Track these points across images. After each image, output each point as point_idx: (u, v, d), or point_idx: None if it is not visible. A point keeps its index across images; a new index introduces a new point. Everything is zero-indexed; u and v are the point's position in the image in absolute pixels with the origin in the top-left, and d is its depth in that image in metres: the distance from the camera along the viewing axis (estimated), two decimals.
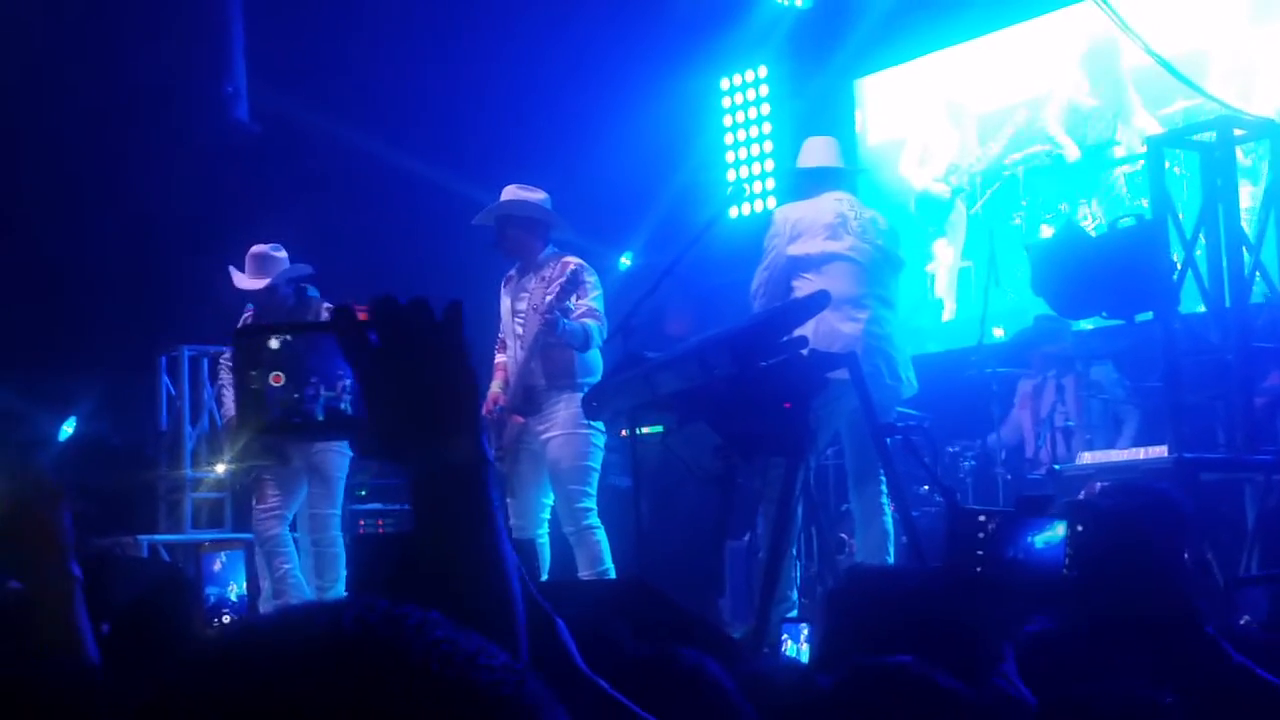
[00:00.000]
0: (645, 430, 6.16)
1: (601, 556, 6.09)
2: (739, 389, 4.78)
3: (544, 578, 5.95)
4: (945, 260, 9.34)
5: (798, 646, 4.26)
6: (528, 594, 1.77)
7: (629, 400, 5.36)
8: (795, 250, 5.88)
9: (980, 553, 1.75)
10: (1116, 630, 1.60)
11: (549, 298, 6.01)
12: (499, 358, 6.47)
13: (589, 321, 6.12)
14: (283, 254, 6.74)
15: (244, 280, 6.64)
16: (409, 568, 1.30)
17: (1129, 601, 1.58)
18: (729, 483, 5.14)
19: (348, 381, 1.31)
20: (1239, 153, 6.26)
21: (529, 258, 6.34)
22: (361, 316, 1.28)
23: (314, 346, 1.32)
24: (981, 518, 1.77)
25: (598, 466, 6.19)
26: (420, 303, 1.26)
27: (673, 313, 8.96)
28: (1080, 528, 1.65)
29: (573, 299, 6.11)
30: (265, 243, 6.77)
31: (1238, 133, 6.13)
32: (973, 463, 7.91)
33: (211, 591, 3.85)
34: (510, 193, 6.35)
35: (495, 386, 6.40)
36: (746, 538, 6.60)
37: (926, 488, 7.37)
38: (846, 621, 2.57)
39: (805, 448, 5.00)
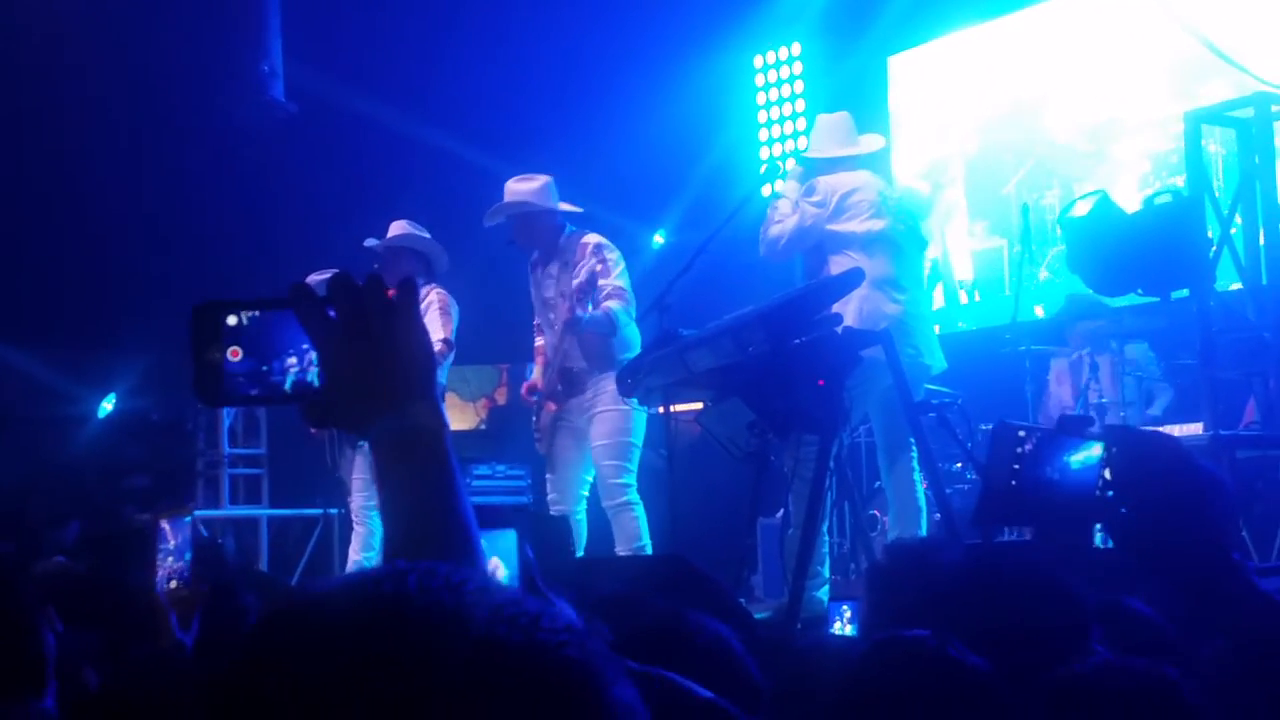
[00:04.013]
0: (680, 407, 6.20)
1: (639, 533, 6.11)
2: (773, 366, 4.80)
3: (579, 554, 6.00)
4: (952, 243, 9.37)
5: (843, 626, 4.27)
6: (533, 588, 1.82)
7: (663, 377, 5.38)
8: (838, 227, 5.86)
9: (1016, 467, 1.76)
10: (1143, 550, 1.62)
11: (576, 281, 6.04)
12: (538, 341, 6.52)
13: (612, 305, 6.12)
14: (422, 231, 6.89)
15: (370, 240, 6.88)
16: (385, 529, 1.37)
17: (1157, 523, 1.60)
18: (762, 460, 5.16)
19: (313, 354, 1.36)
20: None
21: (546, 245, 6.38)
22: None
23: (278, 322, 1.37)
24: (1021, 434, 1.79)
25: (639, 443, 6.20)
26: (375, 279, 1.35)
27: None
28: (1115, 449, 1.66)
29: (599, 279, 6.14)
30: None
31: (1276, 109, 6.09)
32: None
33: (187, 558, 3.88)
34: (508, 190, 6.37)
35: (535, 372, 6.46)
36: (779, 515, 6.63)
37: (959, 465, 7.38)
38: (889, 598, 2.60)
39: (839, 425, 5.02)
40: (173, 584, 2.53)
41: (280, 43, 9.21)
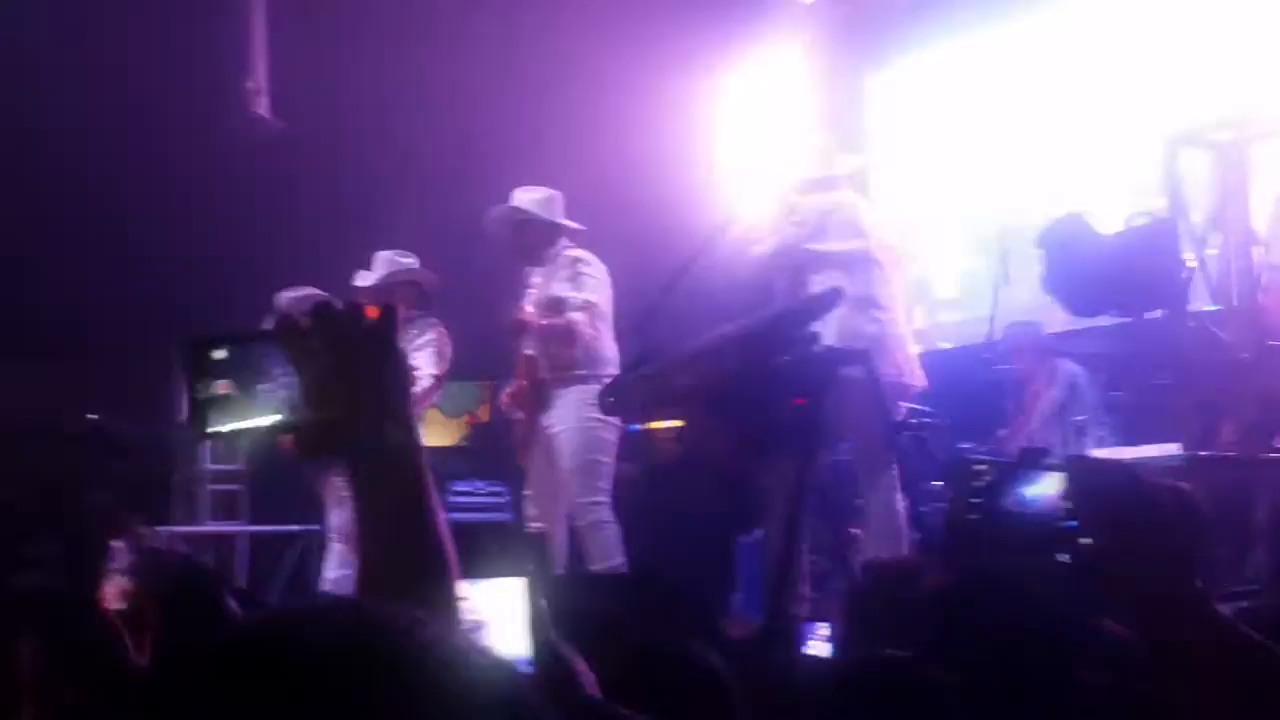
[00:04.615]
0: (659, 425, 6.21)
1: (612, 551, 6.11)
2: (752, 385, 4.81)
3: (558, 571, 5.99)
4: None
5: (819, 645, 4.29)
6: (547, 637, 1.83)
7: (643, 396, 5.40)
8: (818, 246, 5.89)
9: (976, 501, 1.78)
10: (1105, 579, 1.64)
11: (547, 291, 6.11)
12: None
13: (575, 316, 6.17)
14: (409, 259, 6.88)
15: (359, 278, 6.87)
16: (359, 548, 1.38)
17: (1116, 551, 1.62)
18: (741, 478, 5.18)
19: (286, 379, 1.39)
20: None
21: (536, 257, 6.41)
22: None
23: (263, 352, 1.40)
24: (979, 467, 1.80)
25: (608, 460, 6.20)
26: (355, 307, 1.39)
27: None
28: (1073, 479, 1.67)
29: (568, 291, 6.20)
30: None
31: (1252, 132, 6.15)
32: None
33: None
34: (513, 196, 6.44)
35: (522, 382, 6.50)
36: (758, 533, 6.64)
37: (939, 484, 7.40)
38: (867, 617, 2.62)
39: (817, 444, 5.03)
40: (122, 605, 2.52)
41: (266, 59, 9.21)
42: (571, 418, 6.14)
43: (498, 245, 6.59)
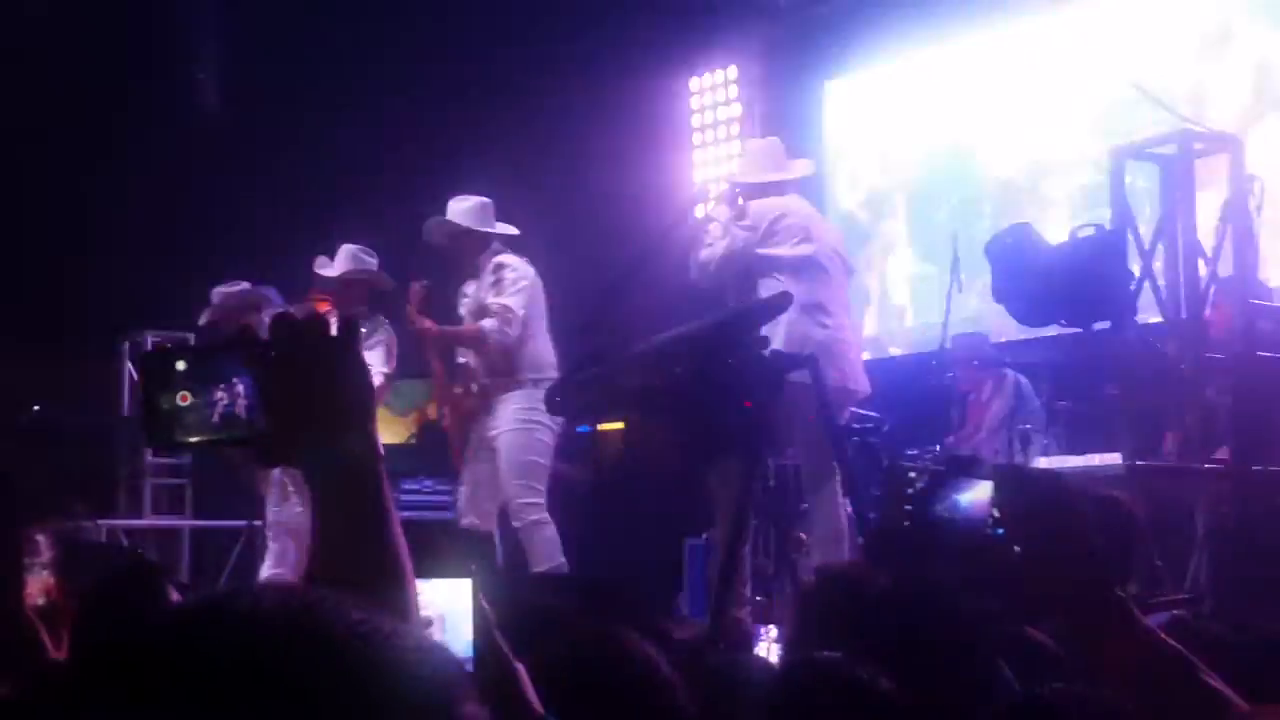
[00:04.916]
0: (607, 426, 6.22)
1: (552, 552, 6.12)
2: (700, 387, 4.82)
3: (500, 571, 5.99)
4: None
5: (766, 648, 4.31)
6: (491, 641, 1.83)
7: (591, 397, 5.40)
8: (767, 251, 5.91)
9: (908, 508, 1.79)
10: (1030, 587, 1.66)
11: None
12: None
13: (485, 322, 6.21)
14: (371, 259, 6.89)
15: (320, 266, 6.87)
16: (315, 557, 1.38)
17: (1040, 560, 1.63)
18: (689, 480, 5.18)
19: (242, 388, 1.39)
20: None
21: (468, 265, 6.46)
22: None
23: (225, 364, 1.41)
24: (912, 474, 1.81)
25: (545, 461, 6.24)
26: (316, 316, 1.40)
27: None
28: (1003, 487, 1.68)
29: (491, 297, 6.22)
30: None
31: (1198, 146, 6.21)
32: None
33: None
34: (447, 208, 6.49)
35: (457, 389, 6.53)
36: (705, 536, 6.66)
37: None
38: (815, 620, 2.64)
39: (764, 447, 5.05)
40: (41, 600, 2.49)
41: (217, 50, 9.16)
42: (510, 420, 6.17)
43: (436, 255, 6.64)
